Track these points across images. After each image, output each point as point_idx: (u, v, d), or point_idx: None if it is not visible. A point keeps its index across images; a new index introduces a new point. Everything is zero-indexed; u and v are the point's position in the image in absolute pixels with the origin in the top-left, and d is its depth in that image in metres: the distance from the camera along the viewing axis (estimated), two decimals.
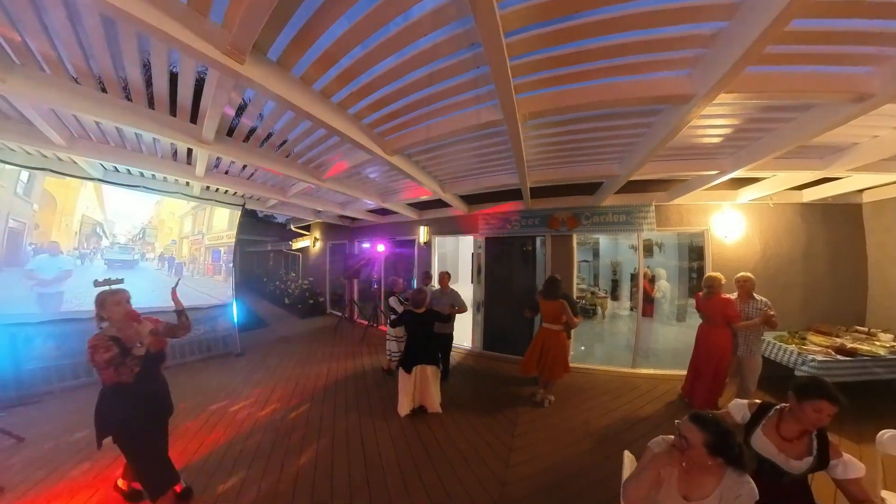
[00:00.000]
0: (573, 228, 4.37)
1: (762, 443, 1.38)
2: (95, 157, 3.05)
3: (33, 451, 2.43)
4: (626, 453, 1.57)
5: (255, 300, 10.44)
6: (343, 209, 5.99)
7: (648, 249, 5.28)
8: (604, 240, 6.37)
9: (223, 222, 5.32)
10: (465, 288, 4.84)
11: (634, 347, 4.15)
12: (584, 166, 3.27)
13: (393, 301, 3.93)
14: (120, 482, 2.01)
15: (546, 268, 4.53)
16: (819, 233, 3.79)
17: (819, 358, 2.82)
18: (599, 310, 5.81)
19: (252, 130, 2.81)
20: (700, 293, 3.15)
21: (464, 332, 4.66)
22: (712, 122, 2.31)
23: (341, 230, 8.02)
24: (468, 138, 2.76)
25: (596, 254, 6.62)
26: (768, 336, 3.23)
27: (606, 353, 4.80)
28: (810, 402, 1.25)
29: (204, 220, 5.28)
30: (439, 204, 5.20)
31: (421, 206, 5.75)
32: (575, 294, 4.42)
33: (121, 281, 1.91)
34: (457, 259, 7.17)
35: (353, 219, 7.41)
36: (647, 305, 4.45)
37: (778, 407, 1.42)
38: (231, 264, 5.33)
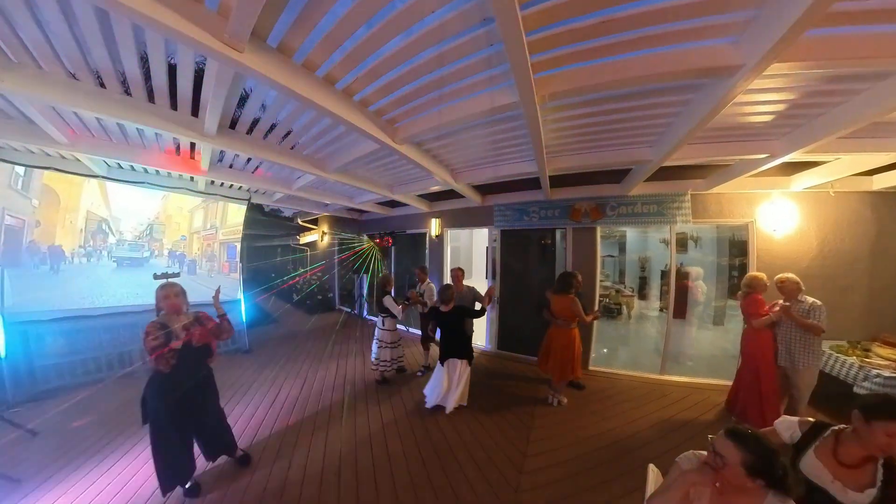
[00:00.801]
0: (597, 220, 4.22)
1: (814, 467, 1.29)
2: (98, 154, 3.18)
3: (47, 444, 2.64)
4: (651, 467, 1.52)
5: (264, 296, 10.83)
6: (351, 201, 6.05)
7: (682, 244, 4.99)
8: (631, 233, 6.11)
9: (239, 215, 5.39)
10: (479, 284, 4.80)
11: (664, 352, 4.00)
12: (611, 151, 3.12)
13: (388, 301, 3.76)
14: None
15: (566, 263, 4.43)
16: (892, 226, 3.44)
17: (886, 374, 2.60)
18: (625, 309, 5.62)
19: (255, 122, 2.85)
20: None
21: (477, 331, 4.63)
22: (763, 96, 2.12)
23: (350, 223, 8.14)
24: (482, 123, 2.68)
25: (622, 248, 6.39)
26: (824, 345, 3.02)
27: (632, 357, 4.68)
28: (882, 424, 1.15)
29: (217, 213, 5.36)
30: (452, 195, 5.15)
31: (432, 197, 5.72)
32: (598, 292, 4.30)
33: (177, 275, 2.21)
34: (470, 253, 7.13)
35: (362, 211, 7.49)
36: (680, 306, 4.25)
37: (835, 428, 1.31)
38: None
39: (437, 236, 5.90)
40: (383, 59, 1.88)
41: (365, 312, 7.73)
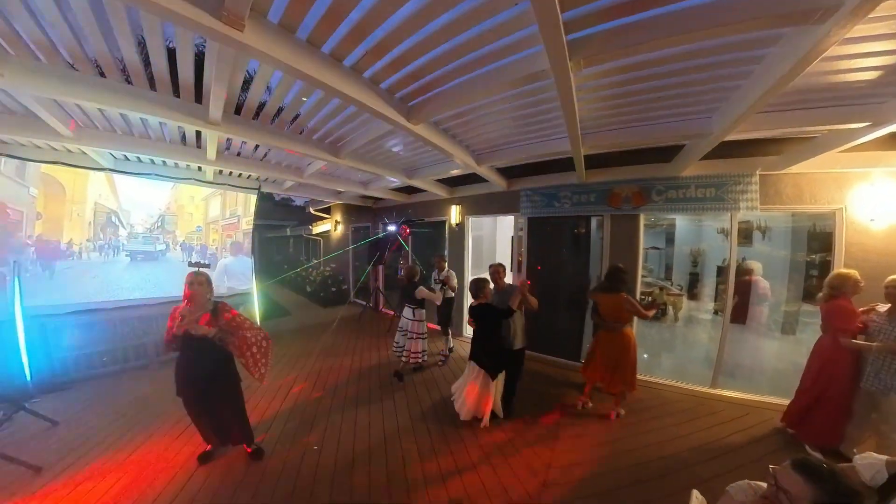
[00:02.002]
0: (640, 206, 3.97)
1: None
2: (103, 147, 3.36)
3: (67, 433, 2.91)
4: (695, 494, 1.44)
5: (276, 288, 11.34)
6: (365, 188, 6.11)
7: (746, 235, 4.52)
8: (682, 221, 5.67)
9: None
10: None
11: (717, 362, 3.74)
12: (660, 125, 2.89)
13: (424, 292, 3.94)
14: None
15: (603, 255, 4.24)
16: None
17: None
18: (671, 310, 5.30)
19: (261, 106, 2.89)
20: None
21: None
22: (866, 46, 1.81)
23: (364, 211, 8.25)
24: (507, 97, 2.57)
25: (670, 239, 5.95)
26: None
27: (677, 366, 4.44)
28: None
29: (237, 199, 5.48)
30: (474, 179, 5.05)
31: (452, 182, 5.66)
32: (639, 289, 4.08)
33: (207, 265, 2.61)
34: (494, 243, 7.02)
35: (377, 199, 7.55)
36: (740, 309, 3.90)
37: None
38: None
39: (457, 224, 5.87)
40: (393, 30, 1.81)
41: (381, 306, 7.89)
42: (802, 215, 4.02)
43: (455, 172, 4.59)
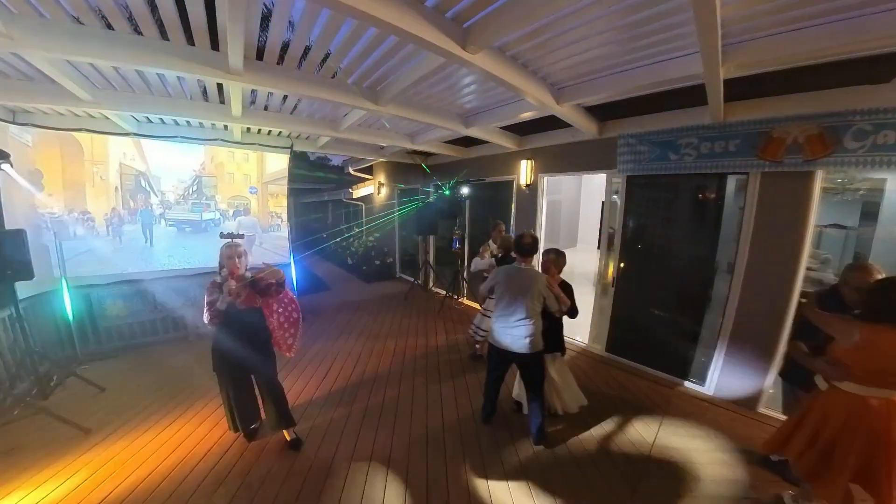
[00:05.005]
0: (819, 158, 3.13)
1: None
2: (123, 109, 3.75)
3: (113, 399, 3.63)
4: None
5: (314, 260, 12.31)
6: (412, 141, 6.09)
7: None
8: None
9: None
10: (586, 255, 4.39)
11: None
12: (868, 20, 2.16)
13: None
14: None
15: (741, 233, 3.61)
16: None
17: None
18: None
19: (285, 47, 2.92)
20: None
21: (578, 323, 4.17)
22: None
23: (411, 170, 8.32)
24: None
25: (869, 213, 4.65)
26: None
27: None
28: None
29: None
30: (552, 124, 4.65)
31: (522, 129, 5.34)
32: (798, 287, 3.36)
33: (241, 236, 2.97)
34: (576, 210, 6.56)
35: (427, 154, 7.49)
36: None
37: None
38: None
39: (528, 186, 5.65)
40: None
41: (431, 283, 8.08)
42: None
43: (526, 116, 4.25)
